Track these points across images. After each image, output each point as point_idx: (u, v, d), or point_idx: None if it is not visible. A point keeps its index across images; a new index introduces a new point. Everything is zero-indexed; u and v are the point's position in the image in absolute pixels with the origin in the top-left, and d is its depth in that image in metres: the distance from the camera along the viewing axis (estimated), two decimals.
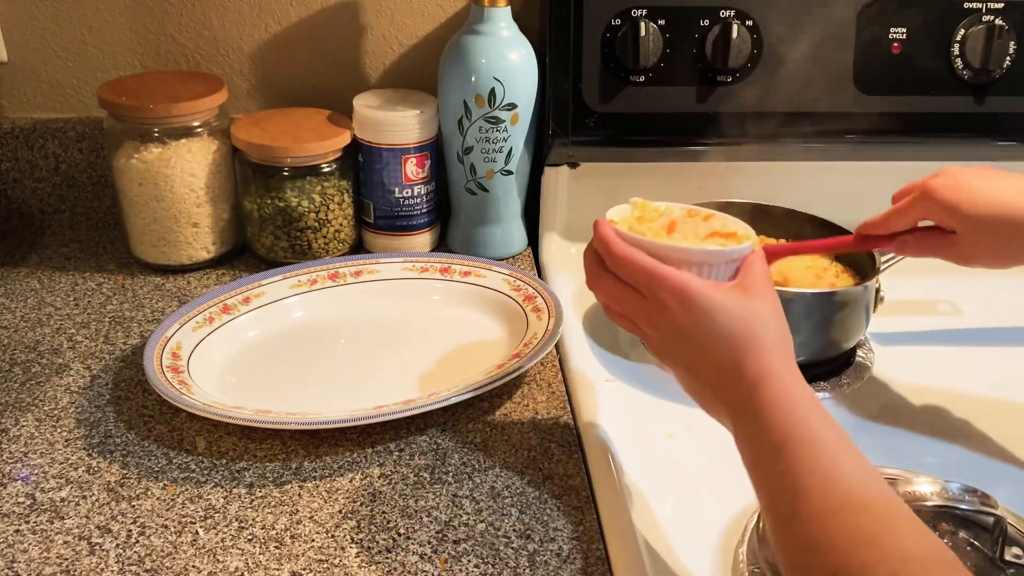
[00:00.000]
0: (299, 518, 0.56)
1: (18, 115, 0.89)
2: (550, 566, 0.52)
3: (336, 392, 0.67)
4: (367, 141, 0.82)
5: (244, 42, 0.89)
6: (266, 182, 0.81)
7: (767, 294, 0.49)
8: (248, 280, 0.76)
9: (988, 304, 0.83)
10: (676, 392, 0.70)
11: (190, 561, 0.52)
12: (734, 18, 0.79)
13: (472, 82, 0.79)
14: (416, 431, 0.64)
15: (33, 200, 0.90)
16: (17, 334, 0.73)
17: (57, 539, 0.53)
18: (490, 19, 0.78)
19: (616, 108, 0.81)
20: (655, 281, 0.49)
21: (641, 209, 0.56)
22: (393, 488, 0.58)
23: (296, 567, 0.52)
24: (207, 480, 0.59)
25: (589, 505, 0.57)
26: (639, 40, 0.78)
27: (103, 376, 0.69)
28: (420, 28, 0.89)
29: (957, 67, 0.82)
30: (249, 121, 0.83)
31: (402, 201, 0.84)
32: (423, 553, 0.53)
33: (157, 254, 0.82)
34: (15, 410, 0.65)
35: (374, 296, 0.78)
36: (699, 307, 0.47)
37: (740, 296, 0.48)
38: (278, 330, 0.74)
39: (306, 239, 0.82)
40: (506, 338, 0.74)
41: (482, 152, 0.82)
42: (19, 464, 0.59)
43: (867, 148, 0.88)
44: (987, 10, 0.80)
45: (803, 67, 0.81)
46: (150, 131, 0.78)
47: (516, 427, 0.65)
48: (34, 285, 0.81)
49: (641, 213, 0.55)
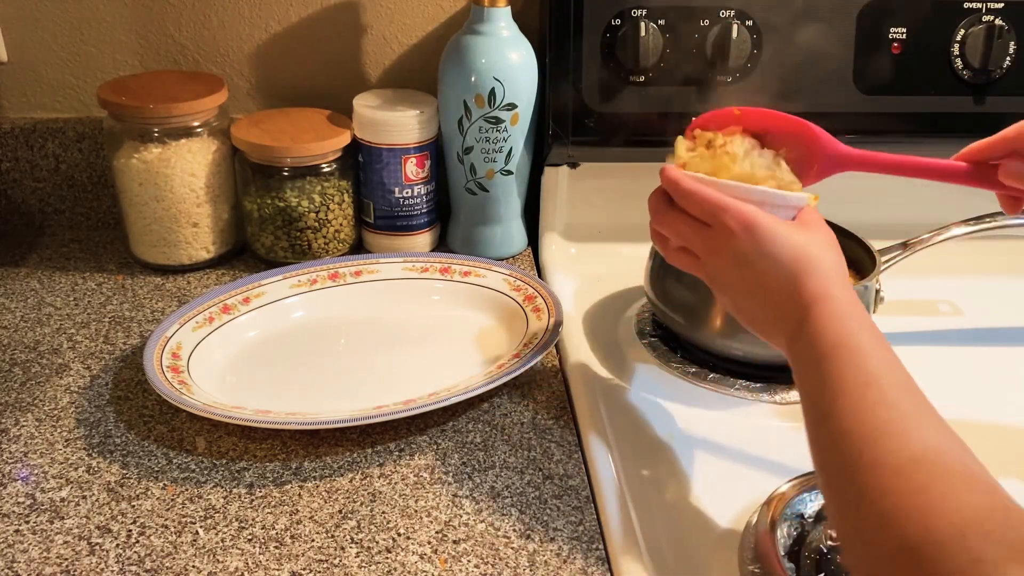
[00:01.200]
0: (299, 518, 0.56)
1: (18, 115, 0.89)
2: (550, 566, 0.52)
3: (336, 392, 0.67)
4: (367, 141, 0.82)
5: (244, 42, 0.89)
6: (266, 182, 0.81)
7: (824, 230, 0.53)
8: (248, 280, 0.76)
9: (988, 304, 0.83)
10: (676, 392, 0.70)
11: (190, 561, 0.52)
12: (734, 18, 0.79)
13: (472, 82, 0.79)
14: (416, 431, 0.64)
15: (33, 200, 0.90)
16: (17, 334, 0.73)
17: (57, 539, 0.53)
18: (490, 19, 0.78)
19: (616, 108, 0.81)
20: (722, 208, 0.52)
21: (705, 143, 0.59)
22: (393, 488, 0.58)
23: (296, 567, 0.52)
24: (207, 480, 0.59)
25: (589, 505, 0.57)
26: (639, 40, 0.78)
27: (103, 376, 0.69)
28: (420, 28, 0.89)
29: (957, 67, 0.82)
30: (249, 121, 0.83)
31: (402, 201, 0.84)
32: (423, 553, 0.53)
33: (157, 254, 0.82)
34: (15, 410, 0.65)
35: (374, 296, 0.78)
36: (762, 232, 0.51)
37: (800, 228, 0.52)
38: (278, 330, 0.74)
39: (306, 239, 0.82)
40: (506, 338, 0.74)
41: (482, 152, 0.82)
42: (19, 464, 0.60)
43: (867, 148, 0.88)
44: (987, 10, 0.80)
45: (803, 67, 0.81)
46: (150, 131, 0.78)
47: (516, 427, 0.65)
48: (34, 285, 0.81)
49: (704, 147, 0.58)
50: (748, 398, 0.69)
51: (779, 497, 0.56)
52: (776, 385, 0.69)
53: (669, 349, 0.74)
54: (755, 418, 0.67)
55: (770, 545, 0.52)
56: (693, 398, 0.69)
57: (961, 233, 0.79)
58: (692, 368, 0.72)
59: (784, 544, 0.53)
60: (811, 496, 0.56)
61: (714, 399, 0.69)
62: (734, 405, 0.69)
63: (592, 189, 0.87)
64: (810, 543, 0.53)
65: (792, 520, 0.54)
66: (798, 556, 0.52)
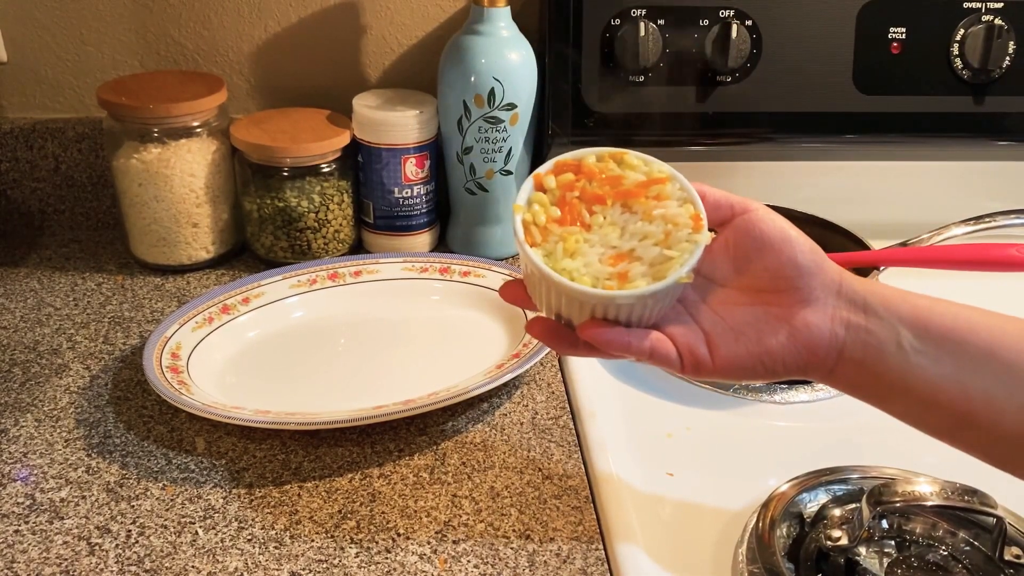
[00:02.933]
0: (299, 518, 0.56)
1: (18, 115, 0.89)
2: (550, 566, 0.52)
3: (336, 392, 0.67)
4: (367, 141, 0.82)
5: (244, 42, 0.89)
6: (266, 182, 0.81)
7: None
8: (248, 280, 0.76)
9: (988, 304, 0.83)
10: (676, 392, 0.70)
11: (190, 561, 0.52)
12: (734, 18, 0.79)
13: (472, 82, 0.78)
14: (416, 431, 0.64)
15: (33, 200, 0.90)
16: (17, 334, 0.73)
17: (57, 539, 0.53)
18: (490, 19, 0.78)
19: (616, 108, 0.81)
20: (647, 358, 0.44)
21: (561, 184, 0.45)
22: (393, 488, 0.58)
23: (296, 567, 0.52)
24: (207, 480, 0.59)
25: (589, 505, 0.57)
26: (639, 40, 0.78)
27: (103, 376, 0.69)
28: (420, 28, 0.89)
29: (957, 67, 0.82)
30: (249, 121, 0.83)
31: (402, 201, 0.84)
32: (422, 553, 0.53)
33: (157, 254, 0.82)
34: (15, 410, 0.65)
35: (374, 296, 0.78)
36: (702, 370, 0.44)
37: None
38: (278, 330, 0.74)
39: (306, 239, 0.82)
40: (506, 338, 0.74)
41: (481, 152, 0.82)
42: (19, 464, 0.59)
43: (867, 148, 0.88)
44: (987, 10, 0.80)
45: (803, 67, 0.81)
46: (150, 131, 0.78)
47: (516, 427, 0.65)
48: (34, 285, 0.81)
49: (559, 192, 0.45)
50: (748, 398, 0.69)
51: (779, 497, 0.56)
52: (776, 385, 0.69)
53: None
54: (755, 418, 0.67)
55: (770, 545, 0.52)
56: (693, 398, 0.69)
57: (961, 233, 0.79)
58: None
59: (784, 544, 0.53)
60: (811, 496, 0.56)
61: (714, 399, 0.69)
62: (734, 405, 0.69)
63: None
64: (810, 543, 0.53)
65: (792, 520, 0.54)
66: (798, 556, 0.52)
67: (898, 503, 0.50)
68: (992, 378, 0.40)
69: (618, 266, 0.43)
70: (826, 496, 0.56)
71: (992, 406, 0.40)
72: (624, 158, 0.46)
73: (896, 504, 0.50)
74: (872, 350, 0.41)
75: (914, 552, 0.53)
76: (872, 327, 0.41)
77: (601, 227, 0.44)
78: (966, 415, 0.40)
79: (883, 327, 0.41)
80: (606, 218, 0.44)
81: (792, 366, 0.43)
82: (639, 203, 0.44)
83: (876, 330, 0.41)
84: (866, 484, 0.54)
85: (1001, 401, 0.39)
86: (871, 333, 0.42)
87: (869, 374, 0.42)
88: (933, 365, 0.41)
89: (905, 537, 0.54)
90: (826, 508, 0.55)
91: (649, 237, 0.43)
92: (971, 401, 0.40)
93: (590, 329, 0.43)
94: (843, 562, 0.51)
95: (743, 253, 0.44)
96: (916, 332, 0.41)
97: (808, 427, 0.67)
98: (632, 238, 0.44)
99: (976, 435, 0.41)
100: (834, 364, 0.43)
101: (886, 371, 0.41)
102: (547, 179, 0.45)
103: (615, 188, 0.44)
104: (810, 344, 0.42)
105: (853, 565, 0.51)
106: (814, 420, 0.67)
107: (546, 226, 0.44)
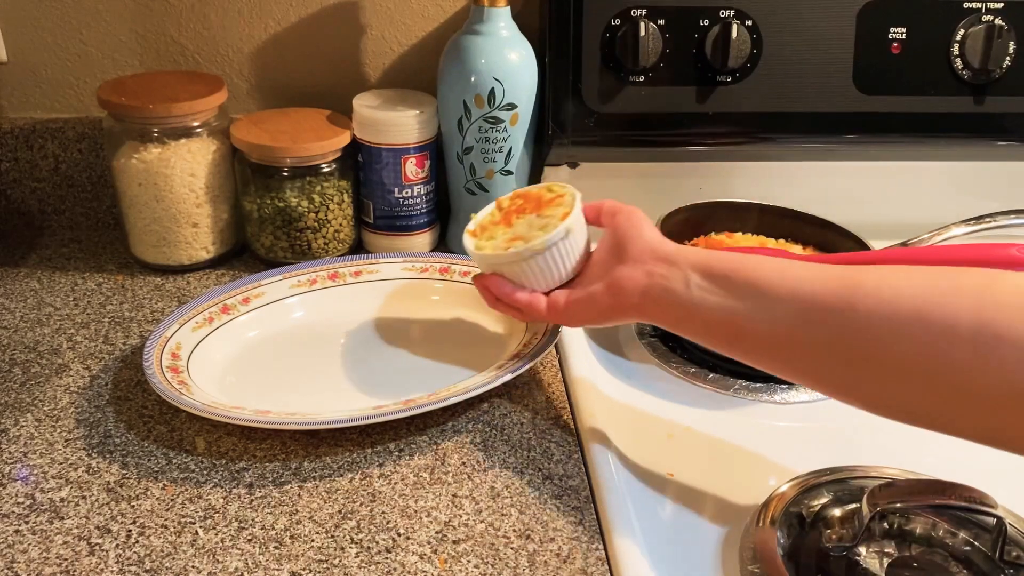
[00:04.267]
0: (299, 518, 0.56)
1: (18, 115, 0.89)
2: (550, 566, 0.52)
3: (336, 392, 0.67)
4: (367, 141, 0.82)
5: (244, 42, 0.89)
6: (266, 182, 0.81)
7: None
8: (248, 280, 0.76)
9: None
10: (676, 392, 0.70)
11: (190, 561, 0.52)
12: (734, 18, 0.79)
13: (472, 82, 0.79)
14: (416, 431, 0.64)
15: (33, 200, 0.90)
16: (17, 334, 0.73)
17: (57, 539, 0.53)
18: (490, 19, 0.78)
19: (616, 108, 0.81)
20: (532, 314, 0.63)
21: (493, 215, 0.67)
22: (393, 488, 0.58)
23: (296, 567, 0.52)
24: (207, 480, 0.59)
25: (589, 505, 0.57)
26: (639, 40, 0.78)
27: (103, 376, 0.69)
28: (420, 28, 0.89)
29: (957, 67, 0.82)
30: (249, 121, 0.83)
31: (402, 201, 0.84)
32: (423, 553, 0.53)
33: (157, 254, 0.82)
34: (15, 410, 0.65)
35: (374, 296, 0.78)
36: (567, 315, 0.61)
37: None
38: (278, 330, 0.74)
39: (306, 239, 0.82)
40: (506, 338, 0.74)
41: (482, 152, 0.82)
42: (19, 464, 0.59)
43: (867, 148, 0.88)
44: (987, 10, 0.80)
45: (803, 67, 0.81)
46: (150, 131, 0.78)
47: (516, 427, 0.65)
48: (34, 285, 0.81)
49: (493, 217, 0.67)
50: (748, 398, 0.69)
51: (779, 497, 0.56)
52: (776, 385, 0.70)
53: (669, 349, 0.74)
54: (755, 418, 0.67)
55: (770, 545, 0.52)
56: (693, 398, 0.69)
57: (961, 233, 0.79)
58: (692, 368, 0.72)
59: (784, 544, 0.53)
60: (811, 496, 0.56)
61: (714, 399, 0.69)
62: (734, 405, 0.69)
63: (591, 189, 0.87)
64: (810, 543, 0.53)
65: (792, 520, 0.54)
66: (798, 556, 0.52)
67: (898, 503, 0.50)
68: (751, 301, 0.51)
69: (511, 244, 0.62)
70: (826, 496, 0.56)
71: (752, 320, 0.51)
72: (552, 187, 0.66)
73: (896, 504, 0.50)
74: (666, 291, 0.55)
75: (914, 552, 0.53)
76: (668, 274, 0.55)
77: (517, 225, 0.64)
78: (736, 330, 0.52)
79: (676, 272, 0.55)
80: (523, 220, 0.64)
81: (605, 305, 0.59)
82: (548, 211, 0.63)
83: (671, 275, 0.55)
84: (866, 484, 0.54)
85: (758, 317, 0.51)
86: (667, 278, 0.55)
87: (663, 306, 0.55)
88: (709, 296, 0.53)
89: (905, 537, 0.54)
90: (826, 508, 0.55)
91: (535, 227, 0.62)
92: (736, 318, 0.52)
93: (479, 279, 0.65)
94: (843, 562, 0.51)
95: (613, 239, 0.61)
96: (701, 274, 0.54)
97: (808, 427, 0.67)
98: (531, 229, 0.62)
99: (750, 344, 0.52)
100: (638, 301, 0.57)
101: (677, 303, 0.55)
102: (503, 201, 0.67)
103: (536, 203, 0.65)
104: (617, 287, 0.58)
105: (853, 565, 0.51)
106: (814, 420, 0.67)
107: (488, 226, 0.66)
